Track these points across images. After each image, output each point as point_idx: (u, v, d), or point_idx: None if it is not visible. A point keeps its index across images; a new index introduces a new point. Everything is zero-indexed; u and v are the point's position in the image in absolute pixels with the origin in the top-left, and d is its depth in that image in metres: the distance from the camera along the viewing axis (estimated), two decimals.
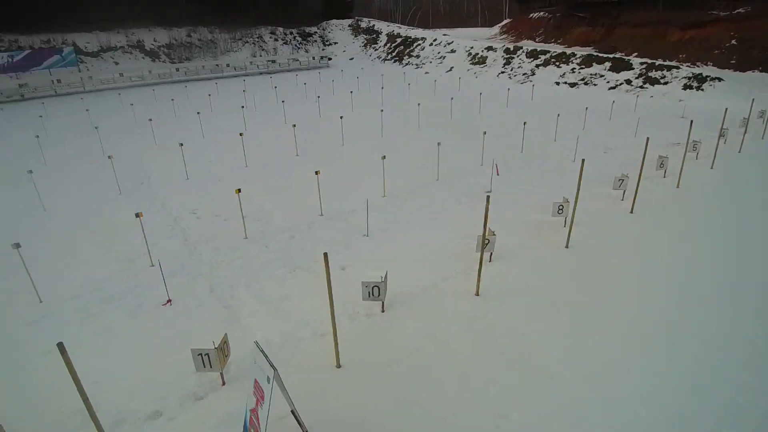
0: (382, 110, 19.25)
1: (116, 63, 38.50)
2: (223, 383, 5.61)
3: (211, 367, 5.31)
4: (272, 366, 3.44)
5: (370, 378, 5.61)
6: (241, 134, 15.54)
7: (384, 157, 11.63)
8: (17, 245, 7.56)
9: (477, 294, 7.35)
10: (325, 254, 4.85)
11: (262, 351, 3.51)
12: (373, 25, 51.20)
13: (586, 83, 27.60)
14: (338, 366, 5.71)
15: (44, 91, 31.97)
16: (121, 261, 9.19)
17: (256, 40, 47.35)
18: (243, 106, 22.23)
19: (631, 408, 5.11)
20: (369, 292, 6.75)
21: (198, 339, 5.47)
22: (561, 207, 9.61)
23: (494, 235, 8.24)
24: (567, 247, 8.93)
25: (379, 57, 45.82)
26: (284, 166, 14.67)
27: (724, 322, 6.60)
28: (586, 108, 18.40)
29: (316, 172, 10.84)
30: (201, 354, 5.22)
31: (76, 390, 3.86)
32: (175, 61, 40.99)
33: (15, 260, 7.73)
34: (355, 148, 16.42)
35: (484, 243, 7.37)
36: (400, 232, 9.95)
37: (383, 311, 6.99)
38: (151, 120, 19.20)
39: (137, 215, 8.58)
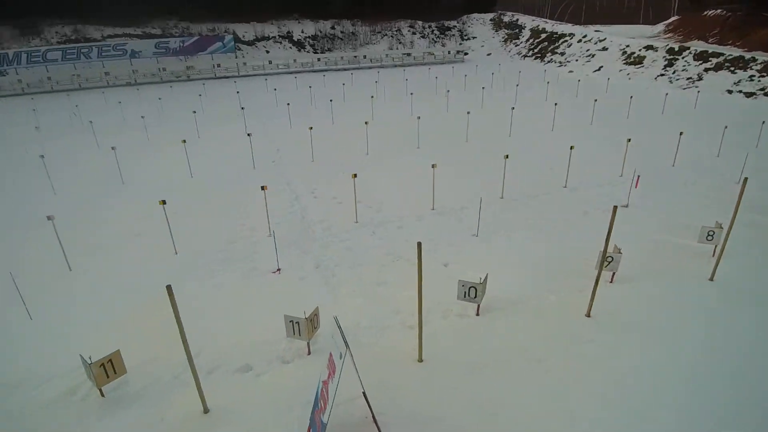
0: (513, 108, 18.55)
1: (267, 51, 42.88)
2: (309, 353, 5.98)
3: (299, 335, 5.70)
4: (345, 344, 3.55)
5: (450, 378, 5.49)
6: (366, 122, 16.23)
7: (507, 156, 11.20)
8: (164, 202, 8.90)
9: (588, 315, 6.72)
10: (419, 243, 4.83)
11: (339, 327, 3.65)
12: (517, 20, 49.40)
13: (766, 94, 23.37)
14: (420, 360, 5.69)
15: (206, 73, 37.09)
16: (245, 228, 10.28)
17: (395, 33, 48.85)
18: (372, 96, 23.18)
19: None
20: (465, 292, 6.59)
21: (294, 308, 5.89)
22: (711, 233, 8.29)
23: (620, 253, 7.43)
24: (712, 280, 7.69)
25: (519, 53, 44.13)
26: (404, 157, 14.96)
27: None
28: (763, 122, 15.58)
29: (433, 166, 10.84)
30: (292, 321, 5.64)
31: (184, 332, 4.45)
32: (318, 52, 44.26)
33: (161, 215, 9.09)
34: (478, 145, 16.09)
35: (606, 260, 6.70)
36: (513, 237, 9.51)
37: (478, 314, 6.77)
38: (288, 104, 21.04)
39: (262, 188, 9.51)
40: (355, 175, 10.30)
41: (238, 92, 26.62)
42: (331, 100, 22.04)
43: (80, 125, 21.06)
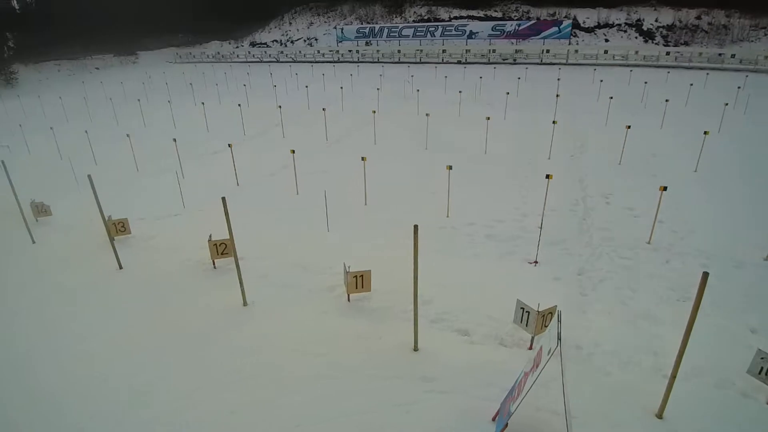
0: None
1: (606, 40, 40.40)
2: (530, 347, 5.84)
3: (526, 326, 5.57)
4: (558, 338, 3.34)
5: None
6: (705, 132, 13.65)
7: None
8: (450, 167, 10.07)
9: None
10: (705, 274, 3.94)
11: (559, 321, 3.43)
12: None
13: None
14: (659, 417, 4.75)
15: (532, 58, 37.96)
16: (517, 212, 10.57)
17: None
18: (726, 104, 19.10)
19: None
20: (764, 368, 5.00)
21: (534, 302, 5.76)
22: None
23: None
24: None
25: None
26: (752, 184, 12.08)
27: None
28: None
29: None
30: (523, 308, 5.56)
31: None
32: (670, 44, 39.01)
33: (445, 179, 10.31)
34: None
35: None
36: None
37: None
38: (611, 98, 19.59)
39: (547, 176, 9.39)
40: (665, 188, 8.89)
41: (558, 79, 26.36)
42: (667, 100, 19.27)
43: (410, 93, 25.05)
